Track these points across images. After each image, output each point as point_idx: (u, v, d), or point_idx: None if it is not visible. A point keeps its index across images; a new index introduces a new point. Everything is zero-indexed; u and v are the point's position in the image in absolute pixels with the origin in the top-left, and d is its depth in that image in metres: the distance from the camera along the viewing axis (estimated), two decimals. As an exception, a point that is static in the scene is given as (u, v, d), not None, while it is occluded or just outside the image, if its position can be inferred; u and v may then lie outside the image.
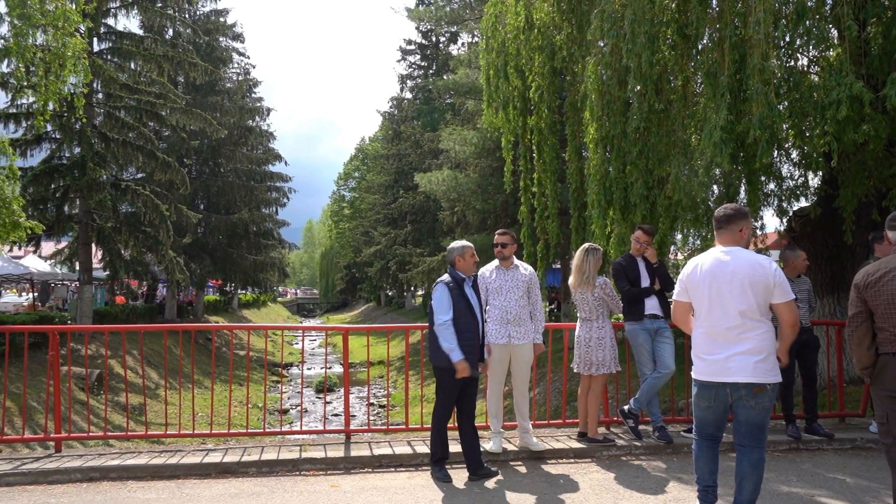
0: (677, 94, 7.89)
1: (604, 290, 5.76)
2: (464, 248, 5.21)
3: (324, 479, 5.12)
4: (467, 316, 5.04)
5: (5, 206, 8.23)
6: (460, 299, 5.06)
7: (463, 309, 5.03)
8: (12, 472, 5.08)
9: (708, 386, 3.68)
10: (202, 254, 29.26)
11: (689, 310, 3.86)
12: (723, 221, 3.80)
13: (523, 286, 5.50)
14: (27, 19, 7.80)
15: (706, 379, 3.68)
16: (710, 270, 3.71)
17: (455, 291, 5.07)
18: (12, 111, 18.10)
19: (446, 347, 4.92)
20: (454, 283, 5.11)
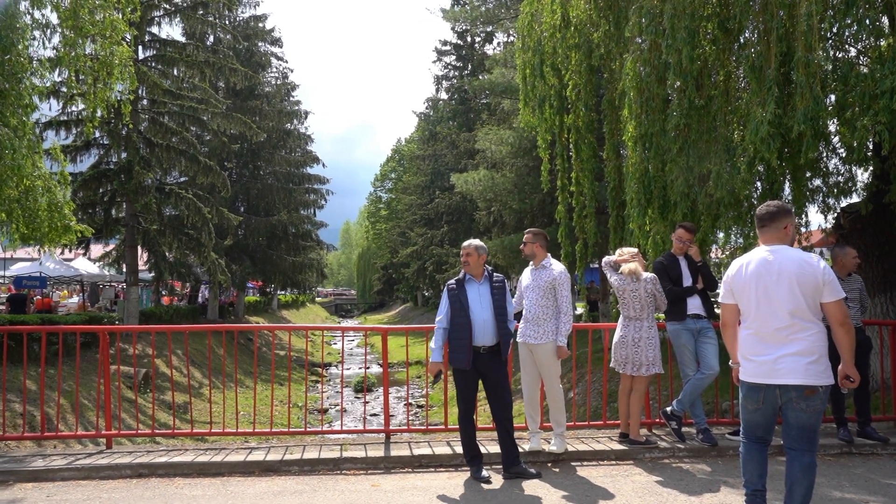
0: (719, 89, 7.71)
1: (655, 286, 5.67)
2: (464, 247, 5.30)
3: (364, 479, 5.17)
4: (460, 316, 5.09)
5: (57, 211, 8.51)
6: (456, 300, 5.14)
7: (457, 309, 5.12)
8: (67, 467, 5.27)
9: (756, 388, 3.59)
10: (243, 255, 29.79)
11: (737, 312, 3.77)
12: (766, 219, 3.71)
13: (546, 286, 5.42)
14: (78, 30, 8.06)
15: (754, 380, 3.59)
16: (755, 270, 3.62)
17: (453, 292, 5.18)
18: (63, 119, 18.74)
19: (431, 346, 5.20)
20: (454, 284, 5.23)
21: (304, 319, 49.48)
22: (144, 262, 22.38)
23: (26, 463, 5.37)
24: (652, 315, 5.73)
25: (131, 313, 19.08)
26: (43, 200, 8.17)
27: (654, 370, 5.67)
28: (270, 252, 30.97)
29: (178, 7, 21.69)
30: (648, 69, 7.86)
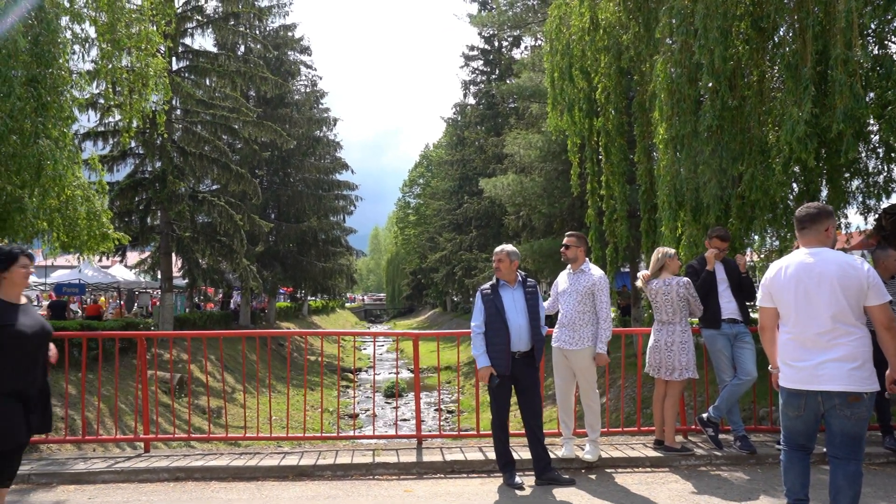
0: (752, 89, 7.59)
1: (688, 290, 5.56)
2: (497, 253, 5.28)
3: (397, 484, 5.18)
4: (497, 322, 5.02)
5: (95, 219, 8.73)
6: (491, 305, 5.08)
7: (493, 315, 5.05)
8: (107, 469, 5.38)
9: (797, 394, 3.50)
10: (274, 262, 30.16)
11: (776, 316, 3.68)
12: (806, 221, 3.62)
13: (584, 290, 5.36)
14: (115, 43, 8.28)
15: (795, 387, 3.50)
16: (794, 274, 3.54)
17: (488, 297, 5.11)
18: (101, 129, 19.24)
19: (473, 353, 5.12)
20: (489, 289, 5.16)
21: (335, 325, 49.88)
22: (178, 268, 22.81)
23: (68, 465, 5.50)
24: (685, 319, 5.63)
25: (166, 319, 19.45)
26: (82, 209, 8.39)
27: (688, 375, 5.57)
28: (301, 258, 31.31)
29: (211, 18, 22.12)
30: (679, 70, 7.77)
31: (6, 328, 3.80)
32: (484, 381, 5.05)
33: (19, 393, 3.84)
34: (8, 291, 3.91)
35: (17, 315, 3.89)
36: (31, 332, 3.93)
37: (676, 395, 5.66)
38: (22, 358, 3.87)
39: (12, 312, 3.87)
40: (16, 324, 3.86)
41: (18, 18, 6.49)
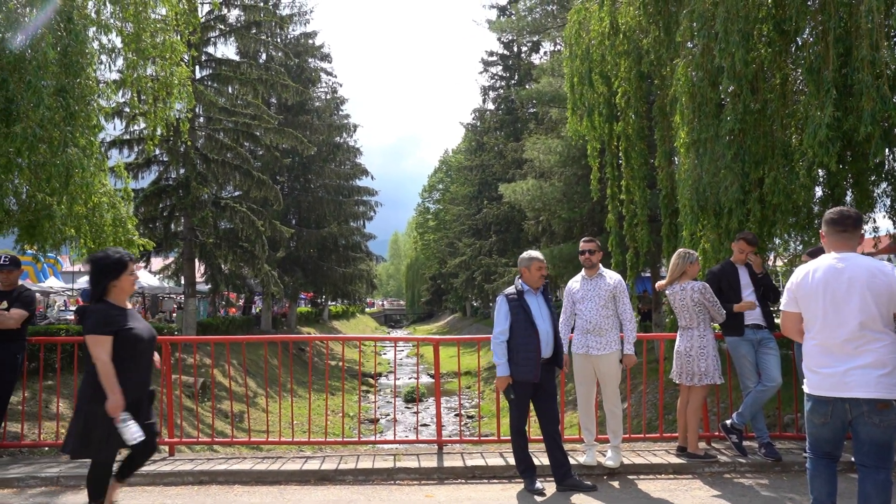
0: (775, 92, 7.51)
1: (703, 295, 5.50)
2: (530, 261, 5.16)
3: (418, 489, 5.19)
4: (526, 328, 4.95)
5: (121, 226, 8.87)
6: (519, 311, 4.99)
7: (521, 321, 4.97)
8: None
9: (823, 401, 3.44)
10: (295, 267, 30.39)
11: (799, 321, 3.62)
12: (849, 225, 3.53)
13: (606, 295, 5.36)
14: (140, 52, 8.43)
15: (821, 394, 3.44)
16: (823, 279, 3.47)
17: (515, 303, 5.02)
18: (126, 137, 19.56)
19: (495, 361, 5.00)
20: (515, 295, 5.07)
21: (355, 330, 50.08)
22: (201, 274, 23.08)
23: (95, 468, 5.59)
24: (704, 324, 5.55)
25: (189, 324, 19.67)
26: (108, 216, 8.53)
27: (707, 381, 5.50)
28: (321, 263, 31.51)
29: (233, 27, 22.42)
30: (701, 74, 7.72)
31: (125, 332, 3.87)
32: (500, 389, 5.02)
33: (136, 402, 3.90)
34: (117, 297, 3.98)
35: (131, 320, 3.98)
36: (146, 336, 4.01)
37: (698, 401, 5.60)
38: (139, 362, 3.96)
39: (126, 317, 3.94)
40: (134, 328, 3.94)
41: (38, 29, 6.65)
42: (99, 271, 3.97)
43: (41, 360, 6.78)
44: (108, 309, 3.91)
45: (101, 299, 3.97)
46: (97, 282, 3.97)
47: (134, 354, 3.91)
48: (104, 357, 3.78)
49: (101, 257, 4.03)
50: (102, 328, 3.82)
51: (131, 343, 3.87)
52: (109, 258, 3.97)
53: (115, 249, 4.07)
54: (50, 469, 5.57)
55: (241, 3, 22.88)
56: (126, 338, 3.85)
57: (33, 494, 5.12)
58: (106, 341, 3.80)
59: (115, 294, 3.97)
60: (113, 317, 3.88)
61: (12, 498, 5.03)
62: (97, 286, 3.97)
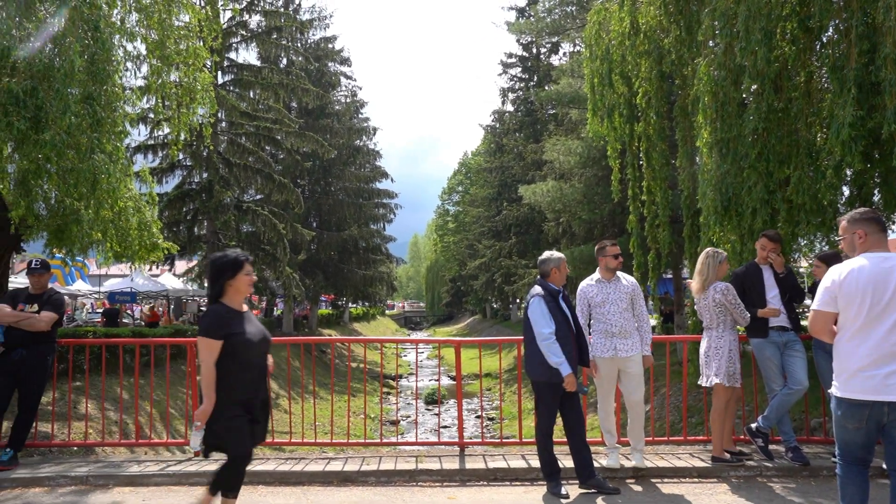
0: (799, 90, 7.41)
1: (725, 297, 5.45)
2: (560, 260, 5.18)
3: (440, 491, 5.20)
4: (564, 329, 4.97)
5: (146, 229, 9.00)
6: (557, 311, 5.00)
7: (560, 321, 4.97)
8: (159, 473, 5.55)
9: (861, 405, 3.32)
10: (315, 269, 30.60)
11: (832, 320, 3.50)
12: (881, 224, 3.46)
13: (626, 297, 5.36)
14: (165, 59, 8.56)
15: (860, 397, 3.32)
16: (870, 278, 3.33)
17: (551, 304, 5.02)
18: (150, 143, 19.89)
19: (555, 362, 4.84)
20: (549, 296, 5.05)
21: (375, 332, 50.25)
22: (224, 277, 23.31)
23: (123, 468, 5.70)
24: (723, 325, 5.49)
25: (212, 326, 19.90)
26: (134, 220, 8.66)
27: (715, 381, 5.42)
28: (342, 266, 31.69)
29: (254, 33, 22.71)
30: (723, 73, 7.64)
31: (237, 336, 3.79)
32: (571, 389, 4.88)
33: (247, 402, 3.86)
34: (233, 298, 3.88)
35: (244, 323, 3.88)
36: (258, 340, 3.92)
37: (718, 403, 5.54)
38: (251, 367, 3.87)
39: (240, 321, 3.85)
40: (245, 332, 3.84)
41: (65, 37, 6.77)
42: (216, 271, 3.89)
43: (70, 362, 6.91)
44: (223, 312, 3.83)
45: (217, 300, 3.88)
46: (214, 281, 3.89)
47: (245, 359, 3.83)
48: (209, 361, 3.73)
49: (219, 256, 3.95)
50: (213, 332, 3.75)
51: (242, 348, 3.79)
52: (226, 257, 3.89)
53: (231, 249, 3.98)
54: (79, 468, 5.68)
55: (262, 8, 23.18)
56: (237, 342, 3.77)
57: (63, 493, 5.22)
58: (215, 345, 3.72)
59: (231, 295, 3.87)
60: (225, 320, 3.79)
61: (43, 496, 5.14)
62: (214, 286, 3.89)
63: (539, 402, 5.11)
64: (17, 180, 7.72)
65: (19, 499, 5.09)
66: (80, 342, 7.78)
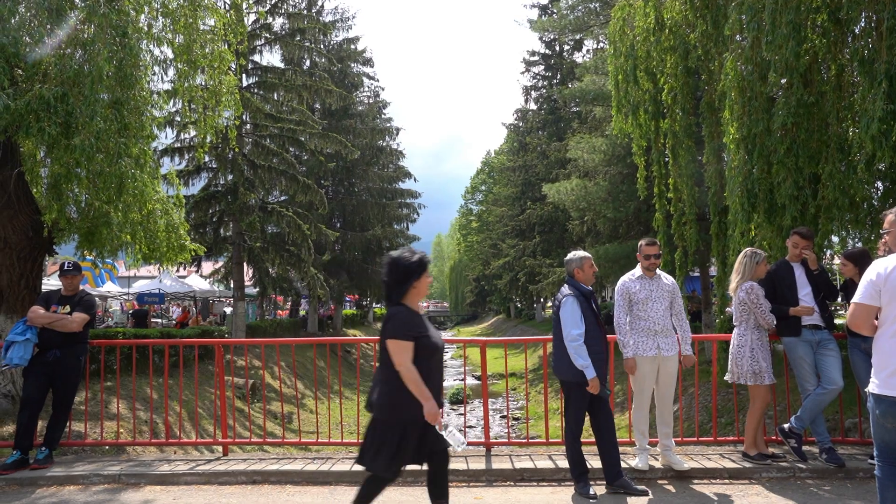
0: (830, 84, 7.26)
1: (748, 295, 5.39)
2: (583, 259, 5.13)
3: (467, 491, 5.19)
4: (595, 329, 4.95)
5: (174, 231, 9.13)
6: (590, 313, 4.96)
7: (592, 323, 4.94)
8: (189, 472, 5.62)
9: None
10: (340, 270, 30.78)
11: (874, 314, 3.39)
12: None
13: (668, 296, 5.33)
14: (191, 63, 8.68)
15: None
16: None
17: (584, 304, 4.98)
18: (177, 146, 20.17)
19: (581, 364, 4.81)
20: (581, 296, 5.01)
21: (399, 331, 50.34)
22: (249, 277, 23.60)
23: (154, 467, 5.78)
24: (745, 324, 5.46)
25: (239, 327, 20.13)
26: (161, 222, 8.79)
27: (733, 378, 5.49)
28: (366, 266, 31.83)
29: (278, 35, 22.89)
30: (751, 67, 7.52)
31: (425, 339, 3.63)
32: (595, 392, 4.85)
33: None
34: (413, 300, 3.74)
35: (427, 326, 3.73)
36: (440, 345, 3.76)
37: (754, 402, 5.49)
38: (434, 371, 3.71)
39: (423, 323, 3.70)
40: (431, 335, 3.69)
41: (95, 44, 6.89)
42: (405, 272, 3.69)
43: (102, 363, 7.03)
44: (409, 313, 3.68)
45: (400, 302, 3.71)
46: (401, 283, 3.69)
47: (430, 363, 3.66)
48: (408, 363, 3.54)
49: (406, 256, 3.72)
50: (404, 333, 3.59)
51: (429, 351, 3.64)
52: (413, 258, 3.70)
53: (411, 249, 3.82)
54: (112, 467, 5.78)
55: (285, 11, 23.36)
56: (425, 345, 3.62)
57: (97, 491, 5.32)
58: (408, 347, 3.57)
59: (413, 297, 3.73)
60: (414, 322, 3.65)
61: (77, 494, 5.24)
62: (400, 287, 3.70)
63: (568, 403, 5.07)
64: (49, 184, 7.89)
65: (55, 496, 5.20)
66: (111, 343, 7.93)
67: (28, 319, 5.90)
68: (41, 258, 8.21)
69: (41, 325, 5.88)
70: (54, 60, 6.90)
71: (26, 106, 6.41)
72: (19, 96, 6.52)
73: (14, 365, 5.77)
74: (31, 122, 6.48)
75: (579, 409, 5.00)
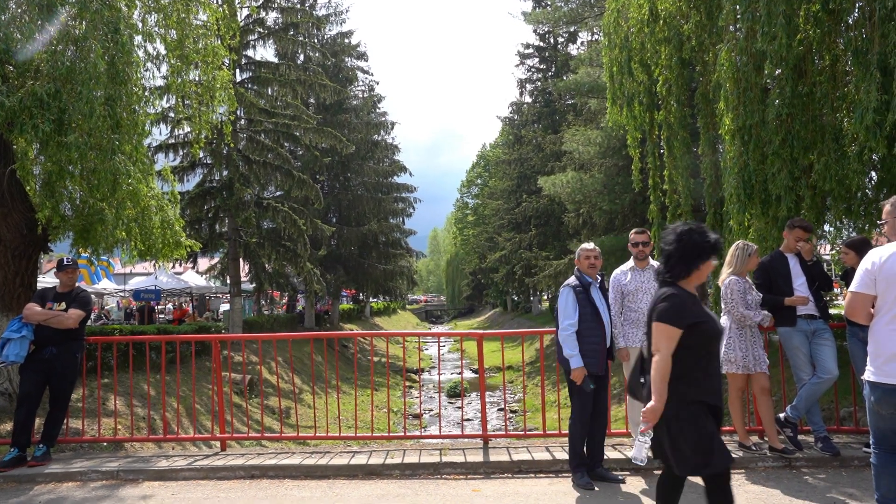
0: (825, 74, 7.27)
1: (725, 291, 5.44)
2: (579, 251, 5.27)
3: (464, 483, 5.21)
4: (593, 320, 4.98)
5: (169, 228, 9.10)
6: (586, 303, 5.00)
7: (588, 313, 4.98)
8: (187, 467, 5.63)
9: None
10: (336, 265, 30.75)
11: (870, 303, 3.43)
12: None
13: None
14: (184, 59, 8.63)
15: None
16: None
17: (581, 295, 5.01)
18: (171, 142, 20.09)
19: (567, 354, 4.95)
20: (581, 287, 5.04)
21: (396, 326, 50.46)
22: (246, 273, 23.56)
23: (152, 463, 5.79)
24: (728, 314, 5.49)
25: (236, 322, 20.12)
26: (157, 219, 8.75)
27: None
28: (362, 261, 31.82)
29: (272, 30, 22.78)
30: (745, 58, 7.52)
31: (706, 325, 3.27)
32: (578, 382, 4.91)
33: (715, 408, 3.29)
34: (691, 284, 3.36)
35: (707, 311, 3.38)
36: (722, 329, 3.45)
37: (731, 391, 5.58)
38: (716, 362, 3.39)
39: (701, 307, 3.33)
40: (713, 320, 3.34)
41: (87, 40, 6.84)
42: (695, 250, 3.29)
43: (99, 359, 7.02)
44: (688, 298, 3.29)
45: (677, 283, 3.35)
46: (688, 261, 3.30)
47: (711, 352, 3.32)
48: (665, 352, 3.20)
49: (701, 233, 3.32)
50: (677, 318, 3.21)
51: (711, 339, 3.29)
52: (709, 238, 3.30)
53: (705, 227, 3.35)
54: (110, 464, 5.78)
55: (278, 5, 23.24)
56: (706, 332, 3.24)
57: (95, 487, 5.32)
58: (674, 334, 3.19)
59: (694, 279, 3.35)
60: (689, 307, 3.26)
61: (75, 491, 5.24)
62: (685, 266, 3.31)
63: (573, 394, 5.12)
64: (42, 182, 7.85)
65: (53, 493, 5.20)
66: (108, 339, 7.91)
67: (24, 317, 5.89)
68: (36, 256, 8.18)
69: (37, 322, 5.87)
70: (46, 57, 6.85)
71: (19, 103, 6.37)
72: (12, 93, 6.48)
73: (10, 362, 5.77)
74: (24, 120, 6.44)
75: (584, 399, 5.04)
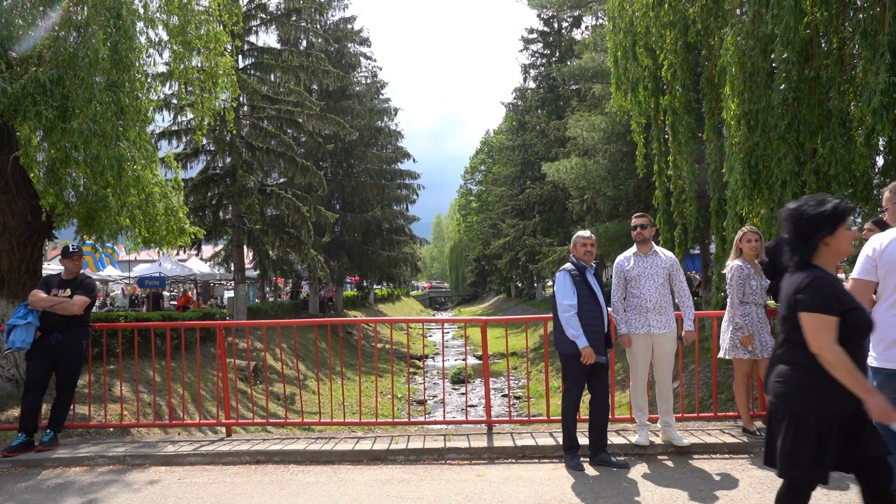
0: (832, 57, 7.20)
1: (728, 275, 5.52)
2: (575, 238, 5.32)
3: (469, 468, 5.24)
4: (590, 303, 5.01)
5: (173, 215, 9.10)
6: (583, 286, 5.03)
7: (586, 296, 5.01)
8: (193, 452, 5.67)
9: None
10: (340, 252, 30.78)
11: (872, 289, 3.42)
12: None
13: (663, 273, 5.32)
14: (186, 45, 8.59)
15: None
16: None
17: (577, 278, 5.05)
18: (174, 128, 20.04)
19: (571, 334, 4.94)
20: (576, 270, 5.11)
21: (400, 312, 50.58)
22: (250, 260, 23.61)
23: (158, 448, 5.83)
24: (730, 301, 5.54)
25: (240, 309, 20.18)
26: (160, 206, 8.76)
27: (721, 352, 5.61)
28: (366, 247, 31.83)
29: (274, 15, 22.64)
30: (751, 42, 7.46)
31: (856, 312, 2.83)
32: (588, 362, 4.92)
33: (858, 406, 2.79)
34: (829, 261, 2.93)
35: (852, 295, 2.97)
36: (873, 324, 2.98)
37: (737, 376, 5.63)
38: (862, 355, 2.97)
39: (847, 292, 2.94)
40: (863, 307, 2.93)
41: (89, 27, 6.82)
42: (809, 224, 2.88)
43: (104, 346, 7.07)
44: (830, 279, 2.86)
45: (810, 264, 2.91)
46: (805, 237, 2.89)
47: (860, 345, 2.89)
48: (832, 344, 2.74)
49: (811, 205, 2.90)
50: (829, 305, 2.77)
51: (861, 329, 2.84)
52: (821, 206, 2.86)
53: (820, 197, 2.92)
54: (116, 448, 5.83)
55: (280, -10, 23.08)
56: (856, 322, 2.80)
57: (102, 472, 5.37)
58: (832, 324, 2.76)
59: (828, 256, 2.91)
60: (838, 290, 2.83)
61: (83, 475, 5.29)
62: (806, 244, 2.89)
63: (566, 375, 5.16)
64: (46, 169, 7.85)
65: (61, 477, 5.25)
66: (113, 326, 7.94)
67: (29, 303, 5.93)
68: (41, 243, 8.20)
69: (42, 309, 5.90)
70: (48, 43, 6.82)
71: (22, 89, 6.36)
72: (15, 80, 6.46)
73: (17, 349, 5.81)
74: (27, 106, 6.43)
75: (577, 382, 5.09)
